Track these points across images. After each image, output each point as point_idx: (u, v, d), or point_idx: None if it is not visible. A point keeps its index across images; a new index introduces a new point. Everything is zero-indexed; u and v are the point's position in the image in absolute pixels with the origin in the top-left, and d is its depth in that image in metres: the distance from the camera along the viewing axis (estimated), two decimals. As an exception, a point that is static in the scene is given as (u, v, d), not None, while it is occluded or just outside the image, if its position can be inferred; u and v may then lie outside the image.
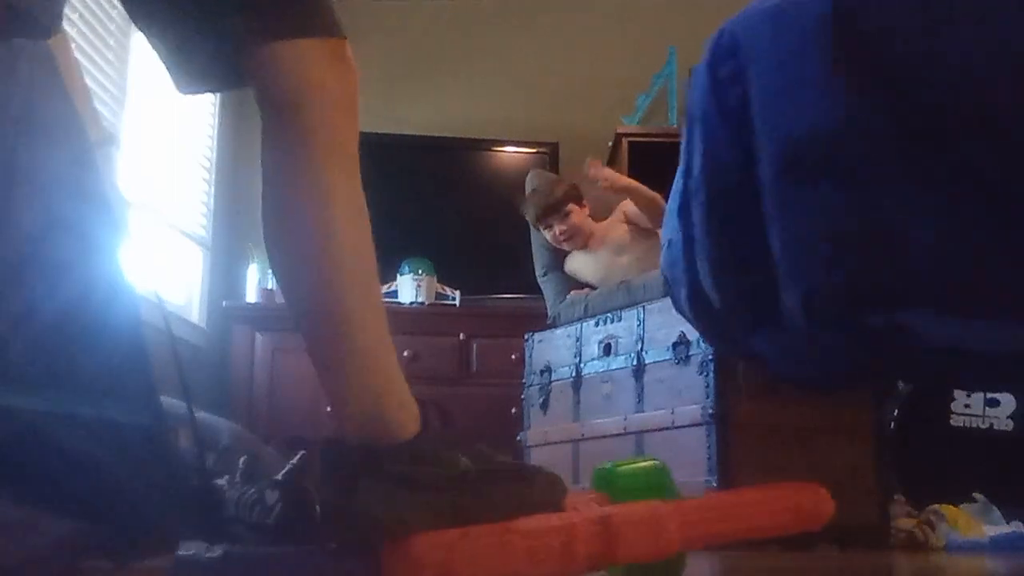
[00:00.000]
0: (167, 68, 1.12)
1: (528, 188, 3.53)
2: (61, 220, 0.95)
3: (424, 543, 0.95)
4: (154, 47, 1.11)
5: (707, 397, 2.39)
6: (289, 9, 1.04)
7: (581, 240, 3.25)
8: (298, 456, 2.22)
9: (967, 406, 3.05)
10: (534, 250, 3.47)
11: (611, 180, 3.12)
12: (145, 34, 1.11)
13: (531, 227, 3.45)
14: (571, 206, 3.24)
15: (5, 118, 1.06)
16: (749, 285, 1.36)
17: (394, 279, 3.95)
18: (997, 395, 3.06)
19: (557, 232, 3.23)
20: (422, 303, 3.91)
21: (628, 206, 3.22)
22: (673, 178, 1.57)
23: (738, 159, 1.35)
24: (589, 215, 3.30)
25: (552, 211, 3.24)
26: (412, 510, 0.97)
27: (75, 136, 1.24)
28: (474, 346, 3.87)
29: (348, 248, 1.03)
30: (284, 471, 2.16)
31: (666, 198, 1.98)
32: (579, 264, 3.30)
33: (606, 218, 3.33)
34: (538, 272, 3.45)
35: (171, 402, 1.46)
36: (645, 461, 1.23)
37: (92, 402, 1.15)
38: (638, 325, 2.69)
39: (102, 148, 1.46)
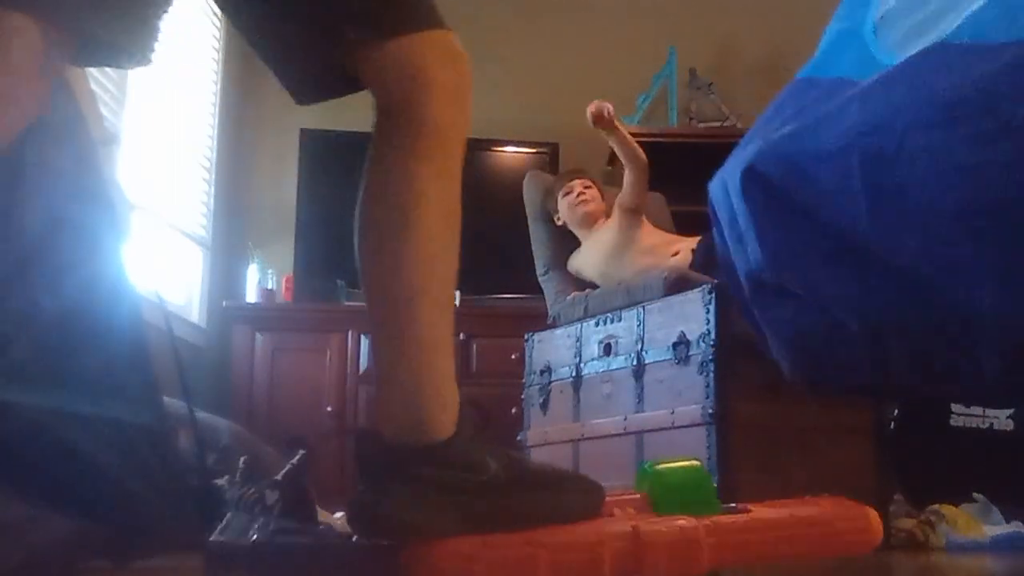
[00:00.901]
0: (283, 83, 1.13)
1: (526, 189, 3.53)
2: (65, 219, 0.96)
3: (445, 550, 0.94)
4: (268, 63, 1.12)
5: (707, 397, 2.38)
6: (394, 7, 1.05)
7: (595, 208, 3.31)
8: (298, 456, 2.22)
9: (967, 406, 3.05)
10: (535, 249, 3.47)
11: (613, 117, 3.19)
12: (258, 52, 1.12)
13: (533, 222, 3.46)
14: (594, 183, 3.40)
15: None
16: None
17: (394, 279, 3.94)
18: (997, 395, 3.05)
19: (578, 192, 3.31)
20: (422, 303, 3.91)
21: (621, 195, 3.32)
22: (673, 177, 1.89)
23: (738, 283, 1.83)
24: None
25: (581, 173, 3.40)
26: (437, 515, 0.97)
27: (79, 136, 1.24)
28: (474, 346, 3.87)
29: (430, 246, 1.04)
30: (284, 471, 2.16)
31: (667, 196, 2.13)
32: (581, 261, 3.31)
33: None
34: (539, 271, 3.46)
35: (172, 402, 1.47)
36: (685, 461, 1.20)
37: (95, 401, 1.16)
38: (638, 325, 2.69)
39: (105, 148, 1.46)
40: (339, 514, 2.74)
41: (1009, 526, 2.63)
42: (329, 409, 3.73)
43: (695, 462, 1.19)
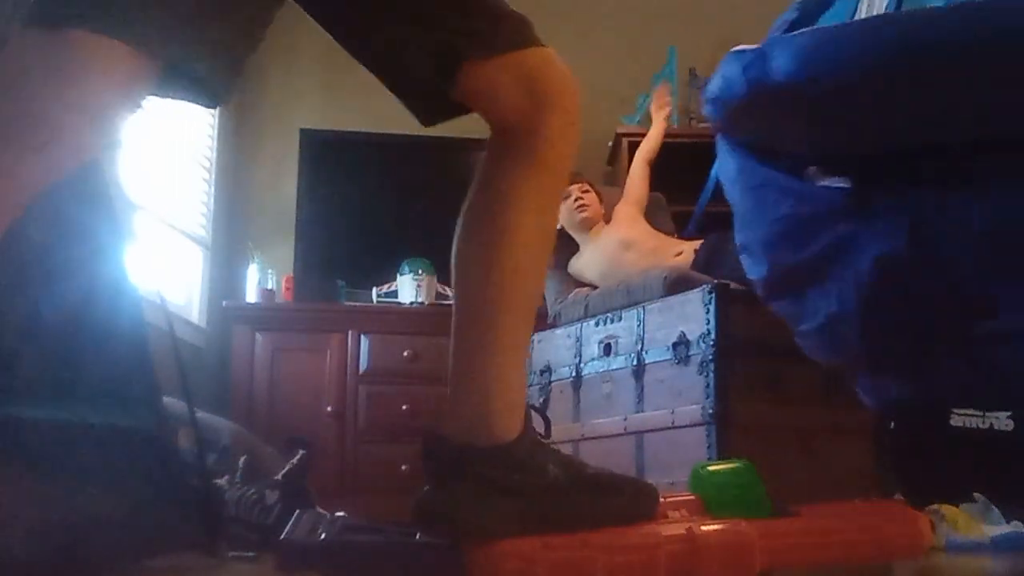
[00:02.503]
0: (406, 106, 1.16)
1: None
2: (67, 225, 0.95)
3: (506, 550, 0.96)
4: (393, 92, 1.15)
5: (707, 397, 2.38)
6: (507, 25, 1.09)
7: (593, 213, 3.35)
8: (298, 456, 2.22)
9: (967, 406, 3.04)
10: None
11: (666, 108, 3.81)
12: (384, 82, 1.14)
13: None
14: (591, 186, 3.46)
15: None
16: None
17: (394, 279, 3.95)
18: (997, 395, 3.05)
19: (575, 197, 3.35)
20: (422, 303, 3.91)
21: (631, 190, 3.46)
22: (671, 177, 1.94)
23: None
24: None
25: (578, 177, 3.45)
26: (499, 515, 0.99)
27: None
28: (474, 346, 3.87)
29: (523, 259, 1.07)
30: (284, 471, 2.16)
31: (667, 196, 2.16)
32: (583, 263, 3.31)
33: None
34: (539, 271, 3.46)
35: (172, 402, 1.47)
36: (735, 462, 1.24)
37: (98, 407, 1.16)
38: (638, 325, 2.69)
39: (107, 150, 1.46)
40: (339, 514, 2.73)
41: (1009, 526, 2.62)
42: (329, 409, 3.73)
43: (746, 463, 1.21)
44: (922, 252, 1.59)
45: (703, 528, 1.02)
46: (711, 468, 1.22)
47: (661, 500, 1.11)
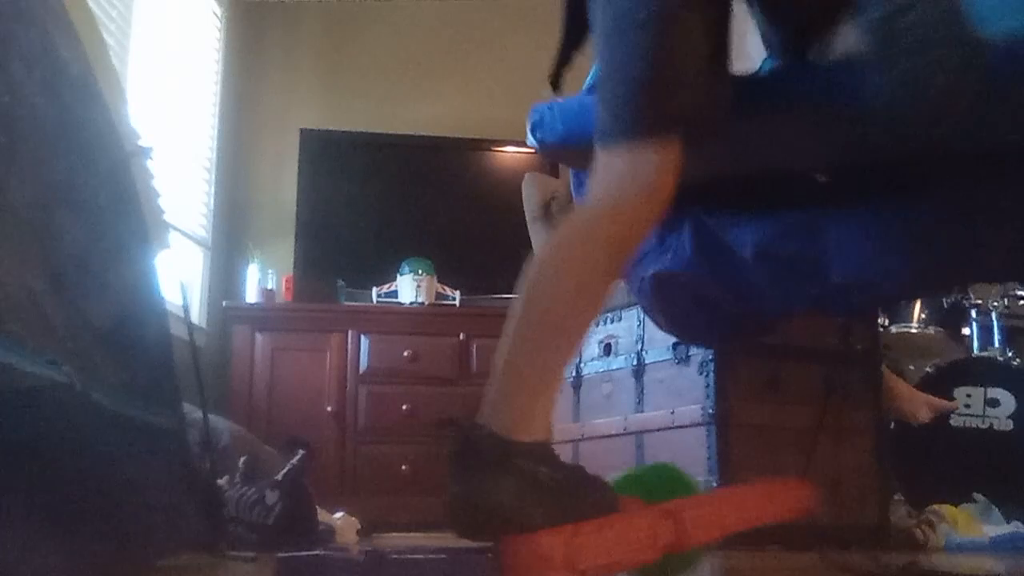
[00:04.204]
0: None
1: (524, 191, 3.53)
2: (102, 237, 0.96)
3: (548, 539, 1.04)
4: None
5: (707, 397, 2.38)
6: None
7: None
8: (298, 456, 2.22)
9: (967, 406, 3.05)
10: (535, 250, 3.47)
11: None
12: None
13: (532, 223, 3.46)
14: None
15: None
16: None
17: (394, 279, 3.95)
18: (997, 395, 3.06)
19: None
20: (422, 303, 3.91)
21: None
22: None
23: None
24: None
25: None
26: (538, 508, 1.05)
27: (112, 150, 1.25)
28: (474, 346, 3.87)
29: (584, 295, 1.18)
30: (284, 471, 2.16)
31: None
32: None
33: None
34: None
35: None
36: (650, 465, 1.34)
37: (133, 410, 1.18)
38: (638, 325, 2.69)
39: (136, 160, 1.47)
40: (339, 514, 2.73)
41: (1009, 526, 2.63)
42: (329, 409, 3.73)
43: (659, 462, 1.33)
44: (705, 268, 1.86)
45: (679, 506, 1.19)
46: (640, 472, 1.35)
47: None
